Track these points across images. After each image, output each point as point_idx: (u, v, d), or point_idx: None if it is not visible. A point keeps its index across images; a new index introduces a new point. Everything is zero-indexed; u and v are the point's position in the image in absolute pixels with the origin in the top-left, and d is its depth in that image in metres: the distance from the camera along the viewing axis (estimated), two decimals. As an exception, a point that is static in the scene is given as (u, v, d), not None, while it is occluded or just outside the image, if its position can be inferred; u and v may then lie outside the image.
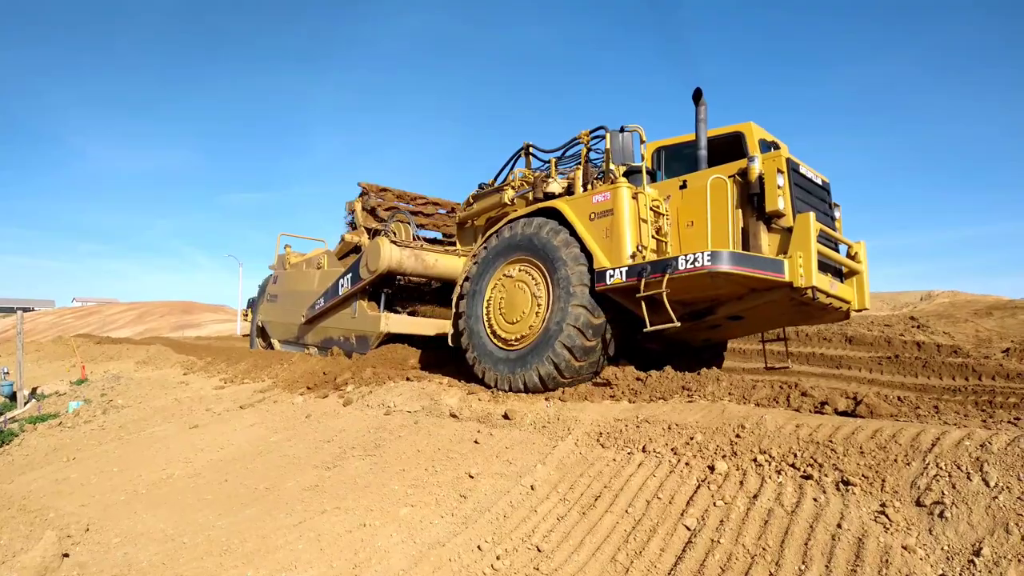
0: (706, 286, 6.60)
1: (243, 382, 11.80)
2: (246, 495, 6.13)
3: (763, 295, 6.85)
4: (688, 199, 7.21)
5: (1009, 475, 3.67)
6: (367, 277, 10.61)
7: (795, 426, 4.82)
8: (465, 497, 5.17)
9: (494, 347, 7.84)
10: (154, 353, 18.28)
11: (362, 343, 10.93)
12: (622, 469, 5.03)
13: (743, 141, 7.41)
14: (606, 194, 7.18)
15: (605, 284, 6.89)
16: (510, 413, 6.58)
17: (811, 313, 7.44)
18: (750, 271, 6.35)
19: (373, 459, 6.33)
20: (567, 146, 8.71)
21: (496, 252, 8.10)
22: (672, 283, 6.40)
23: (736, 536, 3.88)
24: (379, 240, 10.44)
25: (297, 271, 13.88)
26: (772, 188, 6.69)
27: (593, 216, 7.25)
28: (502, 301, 7.86)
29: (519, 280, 7.73)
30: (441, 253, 10.88)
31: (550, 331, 7.16)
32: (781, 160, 6.82)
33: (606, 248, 7.04)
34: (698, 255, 6.30)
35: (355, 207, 12.71)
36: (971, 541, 3.40)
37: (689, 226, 7.17)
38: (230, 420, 9.12)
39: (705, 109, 7.39)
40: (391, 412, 7.63)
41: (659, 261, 6.59)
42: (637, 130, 7.32)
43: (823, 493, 4.02)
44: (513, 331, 7.65)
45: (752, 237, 6.83)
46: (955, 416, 5.54)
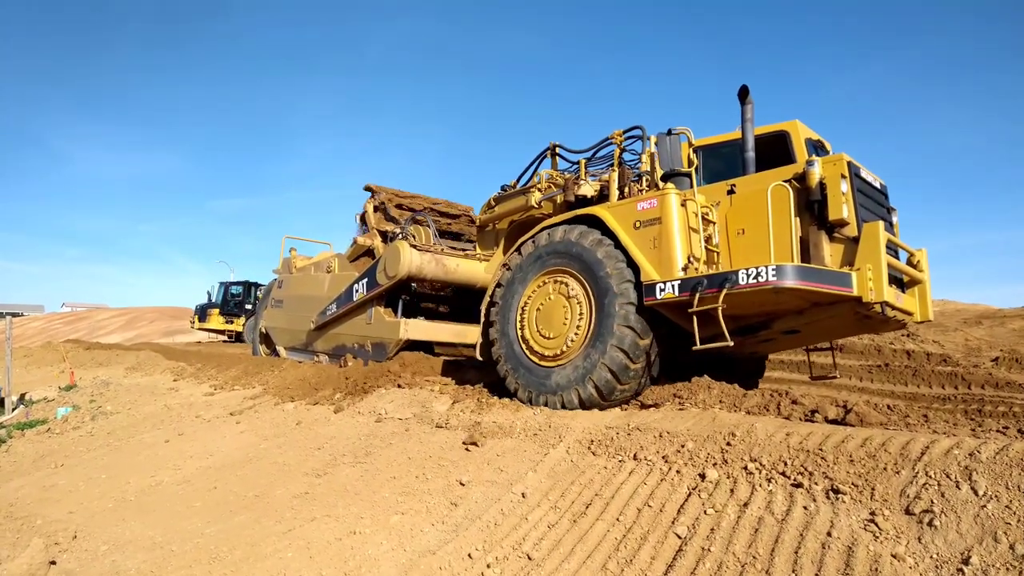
0: (767, 302, 6.20)
1: (233, 388, 11.74)
2: (235, 502, 6.10)
3: (826, 309, 6.41)
4: (738, 206, 6.78)
5: (998, 484, 3.68)
6: (385, 283, 10.11)
7: (785, 434, 4.83)
8: (456, 505, 5.15)
9: (529, 362, 7.33)
10: (144, 359, 18.17)
11: (379, 350, 10.45)
12: (613, 477, 5.03)
13: (788, 141, 6.96)
14: (652, 200, 6.68)
15: (655, 299, 6.38)
16: (499, 420, 6.58)
17: (871, 325, 7.06)
18: (818, 286, 5.90)
19: (364, 466, 6.31)
20: (598, 146, 8.31)
21: (531, 260, 7.58)
22: (730, 298, 5.94)
23: (727, 544, 3.88)
24: (398, 244, 9.89)
25: (305, 275, 13.38)
26: (836, 195, 6.25)
27: (638, 224, 6.72)
28: (538, 313, 7.38)
29: (557, 292, 7.25)
30: (462, 257, 10.31)
31: (593, 350, 6.69)
32: (843, 164, 6.38)
33: (654, 259, 6.52)
34: (761, 269, 5.84)
35: (366, 208, 12.15)
36: (960, 550, 3.41)
37: (740, 235, 6.72)
38: (220, 427, 9.07)
39: (752, 108, 6.88)
40: (382, 419, 7.61)
41: (716, 275, 6.11)
42: (685, 132, 6.85)
43: (813, 501, 4.03)
44: (550, 346, 7.16)
45: (813, 248, 6.39)
46: (944, 425, 5.59)
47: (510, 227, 9.39)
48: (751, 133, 6.88)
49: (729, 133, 7.22)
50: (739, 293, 5.92)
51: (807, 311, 6.51)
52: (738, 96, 6.85)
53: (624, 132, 7.94)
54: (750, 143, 6.87)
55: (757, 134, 6.92)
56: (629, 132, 7.92)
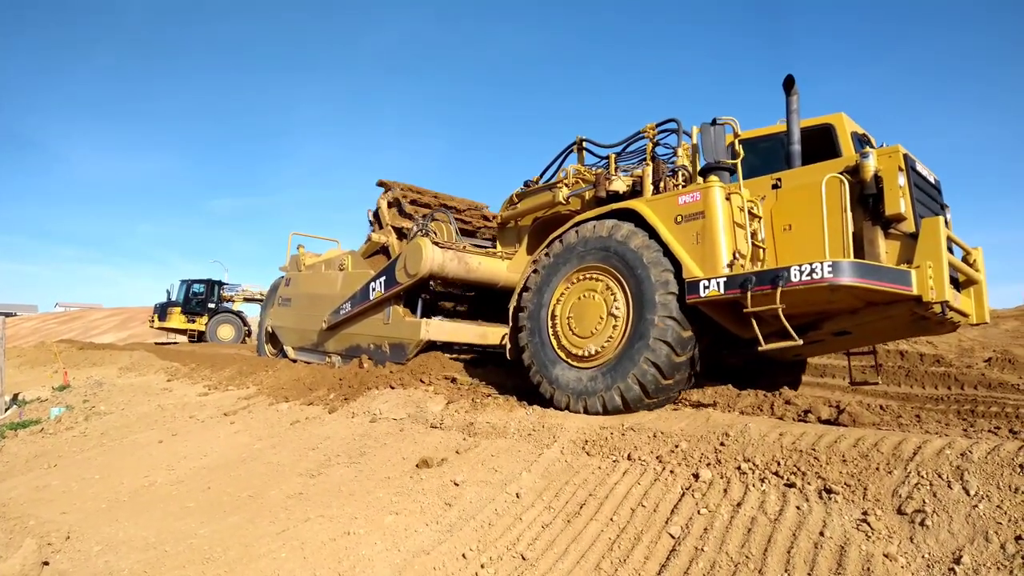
0: (822, 300, 5.90)
1: (227, 389, 11.72)
2: (229, 503, 6.09)
3: (882, 310, 6.12)
4: (785, 200, 6.54)
5: (989, 484, 3.71)
6: (405, 281, 9.65)
7: (779, 434, 4.85)
8: (450, 505, 5.16)
9: (563, 364, 7.02)
10: (137, 359, 18.10)
11: (397, 351, 10.03)
12: (607, 477, 5.04)
13: (833, 134, 6.69)
14: (695, 194, 6.38)
15: (698, 296, 6.10)
16: (494, 421, 6.58)
17: (926, 327, 6.78)
18: (876, 284, 5.62)
19: (358, 466, 6.31)
20: (629, 140, 8.03)
21: (564, 258, 7.27)
22: (782, 296, 5.66)
23: (720, 544, 3.90)
24: (420, 241, 9.46)
25: (315, 273, 12.86)
26: (893, 188, 6.00)
27: (680, 219, 6.43)
28: (572, 311, 7.07)
29: (592, 289, 6.95)
30: (483, 255, 9.91)
31: (633, 346, 6.37)
32: (899, 156, 6.12)
33: (697, 255, 6.24)
34: (816, 265, 5.55)
35: (380, 204, 11.77)
36: (951, 549, 3.43)
37: (786, 231, 6.49)
38: (214, 427, 9.05)
39: (797, 99, 6.64)
40: (377, 419, 7.60)
41: (766, 271, 5.84)
42: (730, 123, 6.52)
43: (806, 501, 4.04)
44: (585, 346, 6.85)
45: (868, 244, 6.12)
46: (936, 425, 5.61)
47: (534, 224, 9.14)
48: (797, 125, 6.66)
49: (767, 127, 7.01)
50: (792, 291, 5.66)
51: (861, 311, 6.23)
52: (783, 86, 6.64)
53: (657, 125, 7.68)
54: (796, 135, 6.64)
55: (801, 127, 6.72)
56: (662, 125, 7.66)
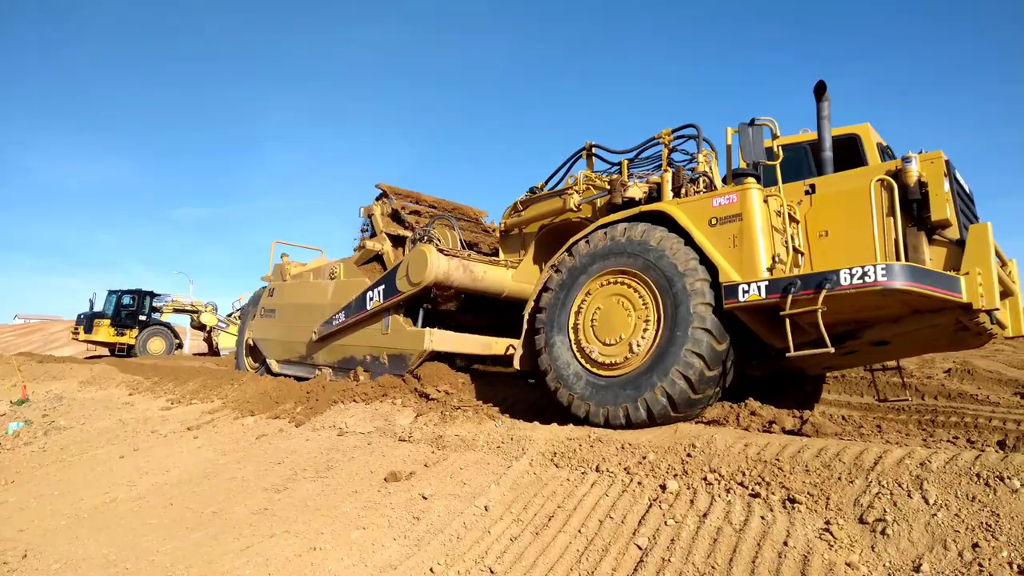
0: (871, 305, 5.68)
1: (191, 403, 11.53)
2: (192, 519, 5.98)
3: (926, 318, 5.91)
4: (821, 206, 6.42)
5: (947, 493, 3.79)
6: (407, 290, 9.21)
7: (744, 445, 4.91)
8: (418, 519, 5.12)
9: (585, 372, 6.67)
10: (99, 372, 17.74)
11: (397, 362, 9.56)
12: (576, 489, 5.05)
13: (859, 144, 6.72)
14: (732, 196, 6.17)
15: (737, 301, 5.85)
16: (463, 433, 6.56)
17: (963, 339, 6.58)
18: (930, 289, 5.41)
19: (325, 481, 6.24)
20: (643, 146, 7.87)
21: (587, 261, 6.95)
22: (827, 301, 5.44)
23: (686, 555, 3.92)
24: (424, 248, 9.12)
25: (303, 282, 12.37)
26: (939, 193, 5.92)
27: (715, 221, 6.20)
28: (596, 318, 6.74)
29: (618, 294, 6.64)
30: (488, 264, 9.57)
31: (663, 357, 6.06)
32: (942, 162, 6.04)
33: (734, 259, 6.00)
34: (868, 268, 5.34)
35: (373, 211, 11.34)
36: (911, 557, 3.50)
37: (822, 236, 6.35)
38: (177, 442, 8.89)
39: (828, 105, 6.56)
40: (344, 433, 7.53)
41: (813, 275, 5.60)
42: (768, 124, 6.30)
43: (770, 511, 4.09)
44: (609, 353, 6.53)
45: (912, 250, 5.97)
46: (897, 435, 5.72)
47: (540, 231, 8.95)
48: (828, 131, 6.59)
49: (789, 136, 6.96)
50: (841, 295, 5.42)
51: (904, 319, 6.00)
52: (814, 92, 6.58)
53: (673, 131, 7.59)
54: (827, 142, 6.56)
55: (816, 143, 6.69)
56: (679, 131, 7.56)
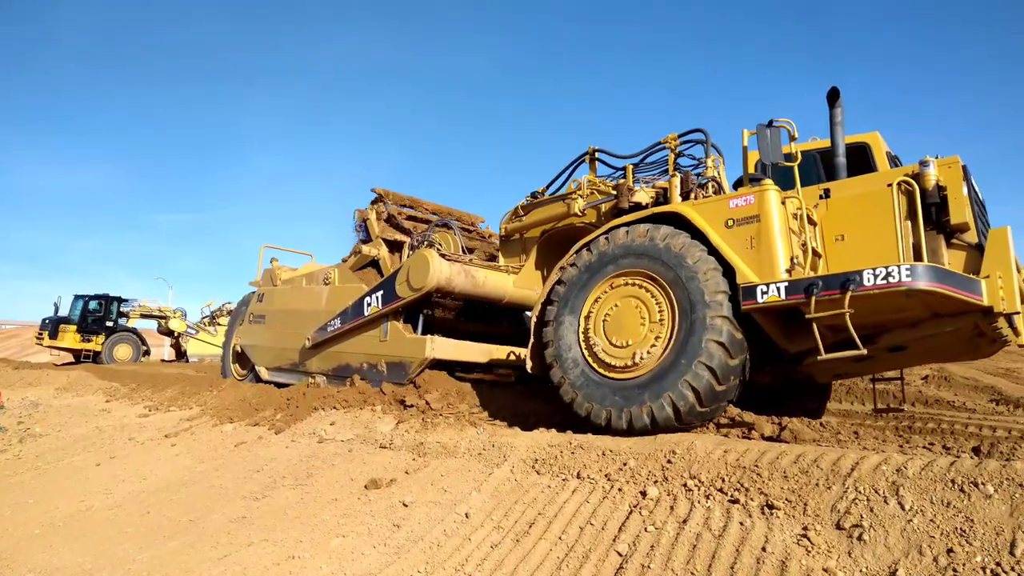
0: (893, 307, 5.60)
1: (169, 409, 11.41)
2: (169, 527, 5.92)
3: (945, 322, 5.86)
4: (837, 210, 6.41)
5: (923, 499, 3.83)
6: (408, 295, 8.98)
7: (723, 451, 4.93)
8: (398, 526, 5.10)
9: (598, 375, 6.49)
10: (75, 379, 17.52)
11: (396, 370, 9.30)
12: (556, 495, 5.05)
13: (869, 152, 6.79)
14: (749, 197, 6.11)
15: (756, 302, 5.74)
16: (444, 440, 6.55)
17: (978, 346, 6.53)
18: (954, 291, 5.37)
19: (304, 488, 6.20)
20: (648, 151, 7.83)
21: (598, 264, 6.81)
22: (851, 302, 5.38)
23: (666, 561, 3.93)
24: (426, 253, 8.91)
25: (295, 288, 12.08)
26: (958, 197, 5.96)
27: (731, 223, 6.14)
28: (607, 319, 6.60)
29: (631, 296, 6.50)
30: (490, 269, 9.37)
31: (683, 352, 5.93)
32: (959, 166, 6.10)
33: (752, 260, 5.93)
34: (892, 268, 5.28)
35: (368, 215, 11.07)
36: (887, 563, 3.53)
37: (838, 241, 6.35)
38: (154, 449, 8.80)
39: (842, 111, 6.59)
40: (324, 440, 7.49)
41: (835, 275, 5.54)
42: (785, 126, 6.29)
43: (749, 517, 4.12)
44: (620, 355, 6.37)
45: (930, 254, 5.94)
46: (874, 441, 5.77)
47: (542, 236, 8.87)
48: (841, 137, 6.63)
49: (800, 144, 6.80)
50: (864, 296, 5.36)
51: (923, 323, 5.94)
52: (827, 99, 6.61)
53: (680, 136, 7.57)
54: (840, 148, 6.60)
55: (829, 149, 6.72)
56: (686, 136, 7.55)
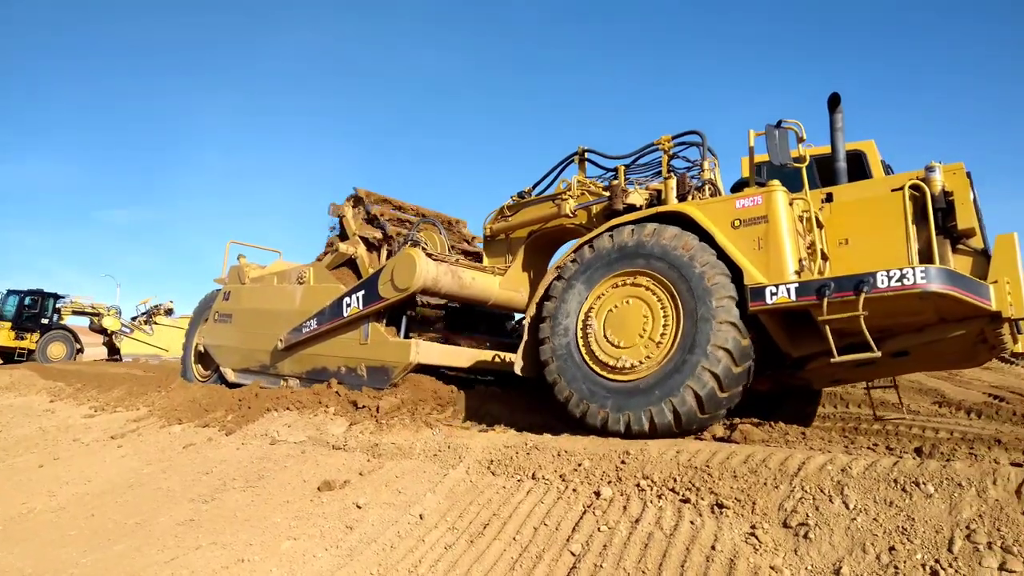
0: (904, 310, 5.56)
1: (116, 410, 11.13)
2: (114, 530, 5.77)
3: (951, 327, 5.82)
4: (841, 214, 6.38)
5: (866, 498, 3.94)
6: (391, 296, 8.59)
7: (676, 452, 5.01)
8: (351, 528, 5.06)
9: (596, 376, 6.36)
10: (18, 378, 16.99)
11: (378, 375, 8.86)
12: (511, 496, 5.07)
13: (864, 160, 6.85)
14: (756, 198, 6.05)
15: (764, 303, 5.67)
16: (399, 442, 6.51)
17: (978, 353, 6.53)
18: (966, 294, 5.34)
19: (255, 491, 6.10)
20: (640, 152, 7.71)
21: (601, 261, 6.67)
22: (865, 304, 5.33)
23: (618, 560, 3.98)
24: (412, 252, 8.56)
25: (265, 286, 11.50)
26: (965, 202, 5.98)
27: (738, 223, 6.07)
28: (607, 319, 6.46)
29: (633, 296, 6.38)
30: (476, 270, 9.11)
31: (687, 355, 5.83)
32: (963, 172, 6.13)
33: (760, 262, 5.86)
34: (907, 271, 5.25)
35: (344, 212, 10.69)
36: (832, 561, 3.62)
37: (842, 245, 6.30)
38: (99, 451, 8.58)
39: (842, 117, 6.61)
40: (276, 442, 7.38)
41: (848, 277, 5.49)
42: (793, 128, 6.24)
43: (699, 516, 4.19)
44: (624, 357, 6.23)
45: (939, 260, 5.87)
46: (820, 442, 5.91)
47: (529, 237, 8.72)
48: (842, 143, 6.66)
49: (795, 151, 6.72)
50: (877, 298, 5.32)
51: (929, 328, 5.91)
52: (828, 104, 6.63)
53: (674, 137, 7.49)
54: (841, 153, 6.63)
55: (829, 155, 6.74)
56: (680, 138, 7.47)
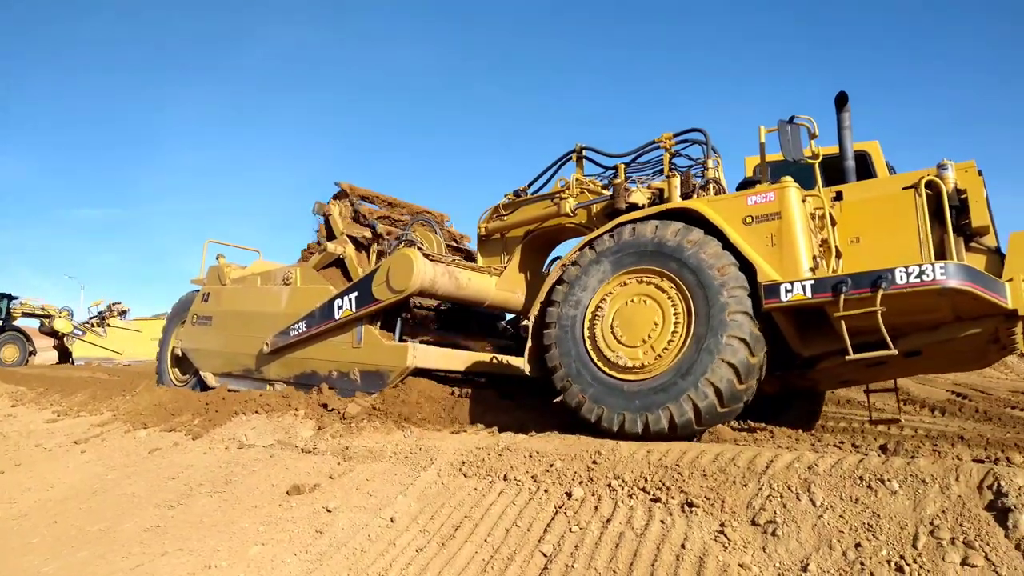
0: (922, 307, 5.50)
1: (79, 415, 10.91)
2: (78, 537, 5.66)
3: (965, 326, 5.76)
4: (852, 212, 6.35)
5: (833, 495, 4.00)
6: (387, 297, 8.25)
7: (646, 451, 5.04)
8: (321, 532, 5.01)
9: (608, 377, 6.17)
10: (-24, 383, 16.58)
11: (372, 380, 8.52)
12: (483, 498, 5.06)
13: (869, 160, 6.89)
14: (769, 194, 5.96)
15: (779, 301, 5.57)
16: (370, 444, 6.47)
17: (988, 354, 6.47)
18: (985, 291, 5.26)
19: (223, 496, 6.02)
20: (641, 150, 7.64)
21: (604, 262, 6.54)
22: (884, 301, 5.24)
23: (589, 560, 3.99)
24: (409, 252, 8.26)
25: (248, 287, 11.06)
26: (979, 200, 5.97)
27: (749, 220, 5.98)
28: (617, 317, 6.29)
29: (643, 294, 6.24)
30: (472, 271, 8.90)
31: (702, 350, 5.69)
32: (974, 170, 6.10)
33: (773, 258, 5.77)
34: (925, 267, 5.18)
35: (330, 211, 10.31)
36: (799, 558, 3.67)
37: (853, 243, 6.23)
38: (62, 456, 8.41)
39: (849, 116, 6.57)
40: (244, 446, 7.29)
41: (865, 273, 5.40)
42: (805, 125, 6.18)
43: (670, 515, 4.21)
44: (636, 356, 6.07)
45: (956, 257, 5.77)
46: (788, 440, 6.00)
47: (526, 236, 8.56)
48: (850, 142, 6.63)
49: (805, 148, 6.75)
50: (895, 295, 5.25)
51: (944, 327, 5.85)
52: (835, 103, 6.60)
53: (675, 135, 7.44)
54: (849, 152, 6.61)
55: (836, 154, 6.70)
56: (682, 136, 7.41)
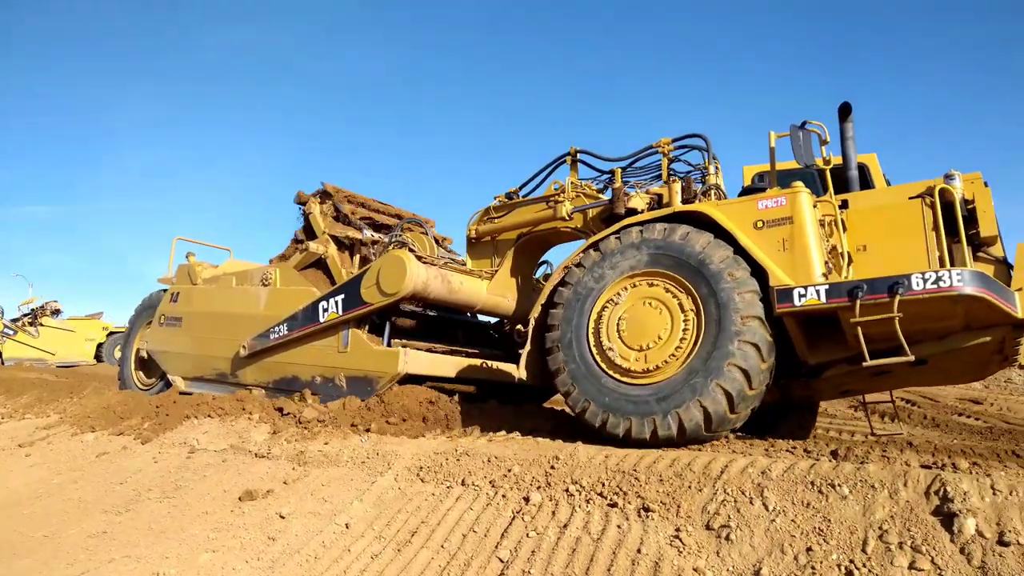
0: (936, 314, 5.47)
1: (24, 417, 10.56)
2: (20, 544, 5.48)
3: (973, 335, 5.73)
4: (858, 220, 6.34)
5: (785, 499, 4.06)
6: (377, 301, 8.02)
7: (604, 456, 5.06)
8: (274, 539, 4.92)
9: (614, 382, 6.07)
10: (-87, 385, 15.92)
11: (360, 386, 8.25)
12: (440, 503, 5.03)
13: (867, 172, 6.96)
14: (780, 199, 5.96)
15: (792, 305, 5.54)
16: (327, 449, 6.39)
17: (990, 364, 6.46)
18: (999, 300, 5.26)
19: (172, 501, 5.88)
20: (638, 155, 7.61)
21: (609, 265, 6.49)
22: (900, 307, 5.20)
23: (546, 565, 3.99)
24: (402, 254, 8.06)
25: (222, 287, 10.66)
26: (988, 210, 6.03)
27: (760, 224, 5.97)
28: (623, 320, 6.20)
29: (651, 297, 6.18)
30: (464, 274, 8.68)
31: (712, 354, 5.63)
32: (980, 181, 6.16)
33: (785, 263, 5.75)
34: (942, 273, 5.16)
35: (311, 208, 10.07)
36: (752, 562, 3.72)
37: (860, 251, 6.25)
38: (6, 460, 8.14)
39: (852, 126, 6.59)
40: (196, 450, 7.13)
41: (881, 279, 5.37)
42: (817, 131, 6.22)
43: (626, 520, 4.24)
44: (639, 359, 6.00)
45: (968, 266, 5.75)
46: (742, 445, 6.08)
47: (519, 240, 8.48)
48: (853, 151, 6.67)
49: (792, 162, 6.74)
50: (911, 301, 5.22)
51: (952, 335, 5.81)
52: (839, 113, 6.63)
53: (674, 140, 7.44)
54: (853, 162, 6.65)
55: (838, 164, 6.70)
56: (681, 141, 7.41)
